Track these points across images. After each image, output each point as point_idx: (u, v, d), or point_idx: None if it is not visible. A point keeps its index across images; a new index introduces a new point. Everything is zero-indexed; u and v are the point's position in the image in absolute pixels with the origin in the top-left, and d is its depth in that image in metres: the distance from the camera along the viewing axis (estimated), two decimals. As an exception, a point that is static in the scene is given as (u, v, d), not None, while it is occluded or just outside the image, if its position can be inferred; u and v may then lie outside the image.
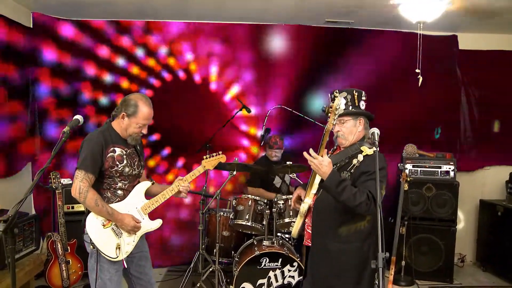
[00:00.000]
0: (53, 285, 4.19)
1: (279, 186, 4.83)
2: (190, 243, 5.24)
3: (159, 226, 2.97)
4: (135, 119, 2.79)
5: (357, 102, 2.64)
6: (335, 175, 2.43)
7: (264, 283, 3.94)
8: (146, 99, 2.85)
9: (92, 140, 2.75)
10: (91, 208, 2.73)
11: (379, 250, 2.10)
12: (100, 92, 5.16)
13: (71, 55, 5.02)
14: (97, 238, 2.74)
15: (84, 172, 2.69)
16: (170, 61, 5.27)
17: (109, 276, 2.77)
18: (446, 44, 5.41)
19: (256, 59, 5.35)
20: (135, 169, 2.91)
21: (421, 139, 5.40)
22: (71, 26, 5.01)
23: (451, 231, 4.90)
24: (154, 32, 5.20)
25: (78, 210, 4.62)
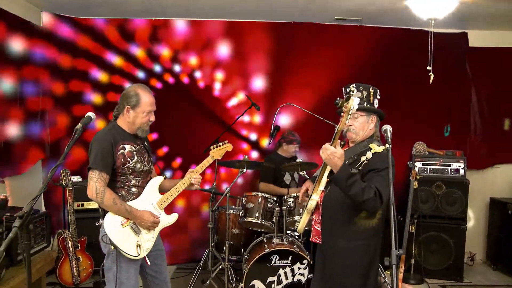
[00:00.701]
0: (64, 282, 4.22)
1: (288, 183, 4.83)
2: (199, 241, 5.25)
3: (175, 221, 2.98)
4: (140, 108, 2.78)
5: (372, 99, 2.64)
6: (346, 168, 2.42)
7: (274, 280, 3.93)
8: (144, 86, 2.85)
9: (101, 139, 2.73)
10: (109, 208, 2.71)
11: (392, 247, 2.09)
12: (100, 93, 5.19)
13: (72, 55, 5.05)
14: (117, 237, 2.70)
15: (98, 172, 2.66)
16: (175, 66, 5.29)
17: (127, 275, 2.75)
18: (456, 41, 5.37)
19: (264, 56, 5.34)
20: (146, 165, 2.91)
21: (431, 137, 5.37)
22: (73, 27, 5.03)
23: (461, 229, 4.88)
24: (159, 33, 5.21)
25: (88, 208, 4.65)
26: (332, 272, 2.66)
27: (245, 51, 5.31)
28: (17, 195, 4.30)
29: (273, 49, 5.32)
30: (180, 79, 5.29)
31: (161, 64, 5.24)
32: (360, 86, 2.64)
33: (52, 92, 4.96)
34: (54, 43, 4.91)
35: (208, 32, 5.25)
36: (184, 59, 5.27)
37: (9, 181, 4.24)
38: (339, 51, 5.36)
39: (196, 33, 5.23)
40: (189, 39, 5.24)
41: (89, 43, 5.06)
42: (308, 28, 5.31)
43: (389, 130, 2.45)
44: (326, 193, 2.65)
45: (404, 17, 4.85)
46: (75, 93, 5.09)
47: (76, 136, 2.49)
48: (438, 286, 4.75)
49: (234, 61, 5.31)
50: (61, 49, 4.96)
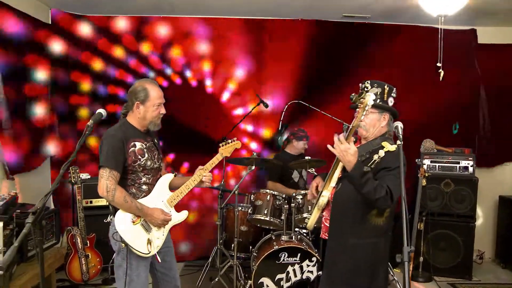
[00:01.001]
0: (73, 278, 4.24)
1: (297, 180, 4.82)
2: (208, 238, 5.26)
3: (185, 218, 2.98)
4: (149, 102, 2.77)
5: (386, 97, 2.61)
6: (360, 166, 2.41)
7: (282, 278, 3.93)
8: (150, 80, 2.86)
9: (112, 137, 2.72)
10: (120, 206, 2.70)
11: (404, 244, 2.08)
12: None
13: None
14: (128, 235, 2.70)
15: (109, 170, 2.65)
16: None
17: (137, 272, 2.75)
18: (465, 38, 5.34)
19: (272, 54, 5.34)
20: (156, 162, 2.90)
21: (439, 134, 5.33)
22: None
23: (469, 227, 4.85)
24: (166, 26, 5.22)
25: (97, 205, 4.68)
26: (341, 270, 2.65)
27: (254, 50, 5.32)
28: (26, 192, 4.33)
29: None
30: (189, 82, 5.32)
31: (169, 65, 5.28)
32: (375, 82, 2.62)
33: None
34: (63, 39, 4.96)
35: (220, 30, 5.28)
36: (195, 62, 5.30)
37: (19, 178, 4.26)
38: (347, 47, 5.36)
39: (208, 31, 5.27)
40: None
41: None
42: (319, 25, 5.31)
43: (400, 126, 2.43)
44: (337, 189, 2.63)
45: (413, 14, 4.83)
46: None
47: (87, 132, 2.48)
48: (447, 284, 4.73)
49: (245, 61, 5.33)
50: (69, 44, 5.01)
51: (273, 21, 5.30)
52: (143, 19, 5.16)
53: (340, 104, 5.01)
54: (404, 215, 2.11)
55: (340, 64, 5.37)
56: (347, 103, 2.58)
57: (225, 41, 5.30)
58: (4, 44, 3.99)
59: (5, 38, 4.01)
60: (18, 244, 1.89)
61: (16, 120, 4.13)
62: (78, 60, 5.06)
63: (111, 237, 2.77)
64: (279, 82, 5.38)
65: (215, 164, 3.03)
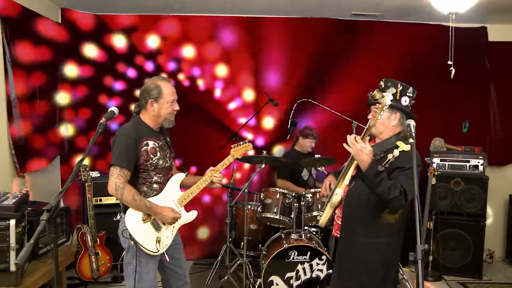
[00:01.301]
0: (83, 276, 4.25)
1: (306, 179, 4.82)
2: (217, 236, 5.26)
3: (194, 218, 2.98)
4: (163, 99, 2.76)
5: (398, 96, 2.61)
6: (375, 165, 2.41)
7: (292, 276, 3.93)
8: (163, 78, 2.88)
9: (125, 135, 2.71)
10: (129, 204, 2.70)
11: (418, 242, 2.07)
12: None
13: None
14: (137, 233, 2.71)
15: (119, 168, 2.65)
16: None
17: (146, 270, 2.76)
18: (475, 36, 5.31)
19: (281, 52, 5.33)
20: (168, 161, 2.90)
21: (449, 133, 5.31)
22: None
23: (479, 226, 4.82)
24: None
25: (107, 203, 4.70)
26: (351, 268, 2.64)
27: (260, 49, 5.33)
28: (36, 190, 4.35)
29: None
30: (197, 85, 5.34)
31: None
32: (388, 81, 2.63)
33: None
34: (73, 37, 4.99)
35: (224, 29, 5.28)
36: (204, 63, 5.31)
37: (29, 176, 4.28)
38: (356, 46, 5.35)
39: (214, 31, 5.27)
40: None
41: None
42: (324, 24, 5.29)
43: (412, 125, 2.42)
44: (350, 188, 2.63)
45: (423, 12, 4.80)
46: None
47: (99, 130, 2.48)
48: (456, 283, 4.70)
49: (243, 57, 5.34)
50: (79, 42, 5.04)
51: (282, 20, 5.30)
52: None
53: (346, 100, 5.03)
54: (417, 214, 2.11)
55: (347, 62, 5.36)
56: (354, 100, 2.60)
57: (231, 39, 5.30)
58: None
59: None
60: (34, 241, 1.90)
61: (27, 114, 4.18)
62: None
63: (121, 234, 2.78)
64: (287, 80, 5.37)
65: (226, 165, 3.04)
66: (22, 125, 4.10)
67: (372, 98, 2.58)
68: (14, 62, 3.97)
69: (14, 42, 3.99)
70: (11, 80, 3.93)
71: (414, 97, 2.67)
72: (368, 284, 2.59)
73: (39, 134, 4.43)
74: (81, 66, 5.06)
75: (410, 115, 2.63)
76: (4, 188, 3.47)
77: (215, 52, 5.29)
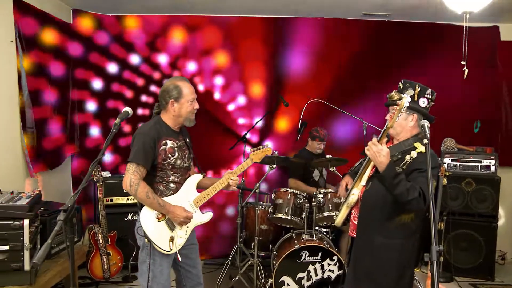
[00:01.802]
0: (94, 275, 4.28)
1: (317, 179, 4.81)
2: (227, 236, 5.27)
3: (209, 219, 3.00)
4: (183, 98, 2.81)
5: (416, 97, 2.61)
6: (393, 167, 2.41)
7: (303, 276, 3.93)
8: (181, 77, 2.92)
9: (144, 134, 2.76)
10: (143, 201, 2.74)
11: (432, 243, 2.06)
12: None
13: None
14: (151, 231, 2.74)
15: (136, 165, 2.69)
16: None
17: (160, 269, 2.78)
18: (487, 35, 5.27)
19: (290, 52, 5.33)
20: (186, 161, 2.93)
21: (460, 133, 5.28)
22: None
23: (491, 227, 4.78)
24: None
25: (117, 203, 4.72)
26: (367, 268, 2.64)
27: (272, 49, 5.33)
28: (48, 190, 4.38)
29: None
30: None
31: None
32: (406, 82, 2.64)
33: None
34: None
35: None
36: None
37: (41, 176, 4.31)
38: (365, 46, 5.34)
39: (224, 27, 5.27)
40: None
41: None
42: (335, 23, 5.29)
43: (426, 125, 2.41)
44: (367, 188, 2.64)
45: (434, 11, 4.78)
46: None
47: (114, 130, 2.49)
48: (468, 284, 4.67)
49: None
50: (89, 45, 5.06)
51: (294, 20, 5.30)
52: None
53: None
54: (432, 215, 2.09)
55: (362, 63, 5.35)
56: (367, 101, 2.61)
57: (241, 39, 5.31)
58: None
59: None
60: (51, 241, 1.90)
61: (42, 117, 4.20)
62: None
63: (136, 231, 2.82)
64: (297, 80, 5.37)
65: (245, 169, 3.06)
66: (35, 124, 4.14)
67: (390, 99, 2.58)
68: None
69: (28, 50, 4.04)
70: (24, 81, 3.96)
71: (433, 98, 2.67)
72: (383, 285, 2.60)
73: (52, 134, 4.46)
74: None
75: (428, 117, 2.64)
76: (17, 188, 3.49)
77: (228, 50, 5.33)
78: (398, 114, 2.39)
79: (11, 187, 3.43)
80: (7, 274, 2.97)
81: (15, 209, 3.00)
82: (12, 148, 3.91)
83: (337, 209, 4.14)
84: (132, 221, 4.71)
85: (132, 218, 4.72)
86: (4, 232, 2.95)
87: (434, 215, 2.11)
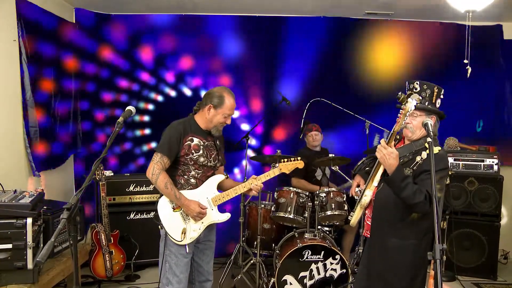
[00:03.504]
0: (97, 274, 4.28)
1: (320, 178, 4.80)
2: (229, 235, 5.26)
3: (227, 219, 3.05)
4: (221, 109, 2.91)
5: (434, 99, 2.60)
6: (401, 170, 2.43)
7: (306, 275, 3.92)
8: (229, 91, 3.00)
9: (172, 128, 2.92)
10: (161, 190, 2.87)
11: (436, 242, 2.06)
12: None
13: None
14: (166, 220, 2.88)
15: (160, 155, 2.85)
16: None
17: (176, 260, 2.87)
18: (490, 34, 5.26)
19: (292, 52, 5.32)
20: (211, 161, 3.00)
21: (463, 132, 5.27)
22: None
23: (494, 226, 4.77)
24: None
25: (120, 202, 4.72)
26: (380, 268, 2.66)
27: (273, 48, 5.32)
28: (50, 189, 4.39)
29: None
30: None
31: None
32: (424, 84, 2.61)
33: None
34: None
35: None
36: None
37: (44, 175, 4.31)
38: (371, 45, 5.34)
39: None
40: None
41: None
42: (337, 23, 5.28)
43: (430, 123, 2.42)
44: (379, 189, 2.65)
45: (437, 11, 4.77)
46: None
47: (117, 129, 2.50)
48: (471, 283, 4.66)
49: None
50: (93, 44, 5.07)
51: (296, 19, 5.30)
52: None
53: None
54: (435, 215, 2.09)
55: (360, 61, 5.34)
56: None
57: (242, 38, 5.31)
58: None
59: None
60: (54, 239, 1.91)
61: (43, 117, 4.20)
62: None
63: (154, 218, 2.94)
64: (298, 80, 5.36)
65: (271, 177, 3.08)
66: (38, 124, 4.14)
67: (402, 99, 2.55)
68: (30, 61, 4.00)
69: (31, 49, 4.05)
70: (26, 80, 3.97)
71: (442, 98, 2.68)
72: (396, 285, 2.61)
73: (54, 133, 4.47)
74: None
75: (443, 117, 2.67)
76: (20, 187, 3.49)
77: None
78: (404, 118, 2.38)
79: (14, 186, 3.43)
80: (10, 273, 2.98)
81: (18, 208, 3.01)
82: (15, 147, 3.92)
83: (339, 208, 4.15)
84: (135, 220, 4.72)
85: (134, 217, 4.73)
86: (7, 230, 2.95)
87: (437, 214, 2.11)
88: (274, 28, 5.29)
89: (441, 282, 2.04)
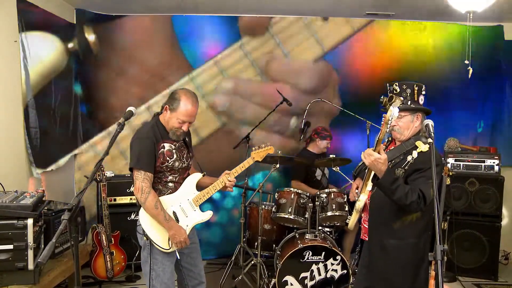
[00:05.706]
0: (98, 275, 4.28)
1: (320, 178, 4.80)
2: (230, 236, 5.26)
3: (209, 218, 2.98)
4: (175, 113, 2.74)
5: (416, 97, 2.61)
6: (390, 174, 2.42)
7: (307, 276, 3.92)
8: (191, 95, 2.79)
9: (143, 140, 2.74)
10: (149, 210, 2.72)
11: (437, 242, 2.06)
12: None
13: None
14: (151, 229, 2.76)
15: (144, 171, 2.69)
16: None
17: (163, 267, 2.79)
18: (491, 35, 5.26)
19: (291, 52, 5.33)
20: (184, 162, 2.93)
21: (463, 133, 5.27)
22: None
23: (495, 227, 4.76)
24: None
25: (121, 203, 4.72)
26: (381, 269, 2.67)
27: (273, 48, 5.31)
28: (51, 189, 4.38)
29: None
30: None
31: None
32: (403, 84, 2.63)
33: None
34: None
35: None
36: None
37: (44, 175, 4.32)
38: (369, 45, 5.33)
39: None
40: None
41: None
42: (336, 23, 5.28)
43: (430, 124, 2.41)
44: (373, 193, 2.66)
45: (437, 11, 4.76)
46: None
47: (118, 130, 2.50)
48: (471, 284, 4.66)
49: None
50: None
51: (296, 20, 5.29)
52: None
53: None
54: (437, 215, 2.09)
55: (361, 62, 5.34)
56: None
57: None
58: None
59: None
60: (55, 240, 1.91)
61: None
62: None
63: (137, 230, 2.84)
64: (299, 81, 5.36)
65: (245, 167, 3.04)
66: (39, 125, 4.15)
67: (384, 103, 2.55)
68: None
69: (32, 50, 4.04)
70: (28, 80, 3.97)
71: (425, 94, 2.68)
72: (397, 285, 2.62)
73: (55, 134, 4.47)
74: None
75: (429, 113, 2.67)
76: (21, 187, 3.49)
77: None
78: (386, 127, 2.36)
79: (14, 186, 3.44)
80: (11, 274, 2.98)
81: (19, 209, 3.00)
82: (16, 147, 3.92)
83: (340, 209, 4.15)
84: (135, 220, 4.70)
85: (135, 218, 4.72)
86: (8, 231, 2.95)
87: (438, 214, 2.11)
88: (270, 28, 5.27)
89: (443, 282, 2.04)
